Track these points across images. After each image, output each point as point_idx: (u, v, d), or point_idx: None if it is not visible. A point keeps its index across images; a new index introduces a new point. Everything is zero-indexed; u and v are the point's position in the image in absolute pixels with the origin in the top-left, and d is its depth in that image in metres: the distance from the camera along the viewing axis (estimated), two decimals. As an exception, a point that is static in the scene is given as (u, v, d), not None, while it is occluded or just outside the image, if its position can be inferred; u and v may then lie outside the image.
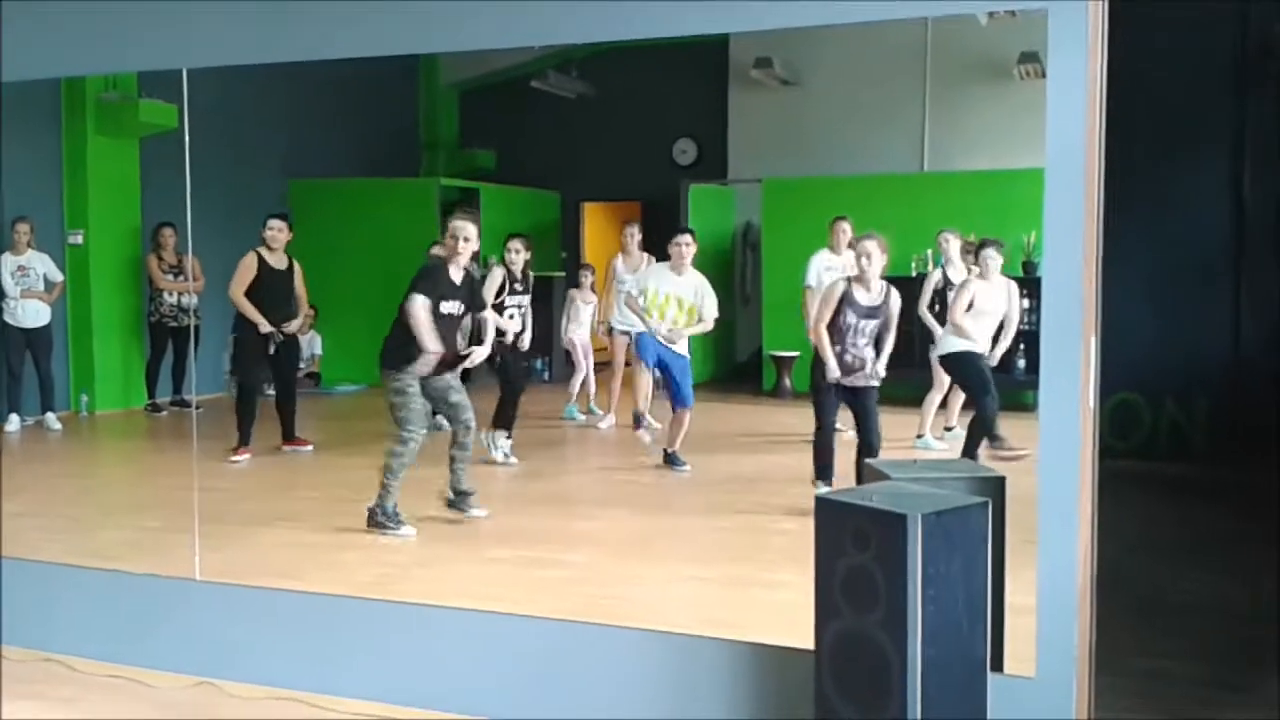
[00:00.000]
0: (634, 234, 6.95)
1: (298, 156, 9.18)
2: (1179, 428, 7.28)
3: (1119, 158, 3.00)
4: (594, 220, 11.02)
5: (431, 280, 5.06)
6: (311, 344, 8.54)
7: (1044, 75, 2.93)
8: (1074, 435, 2.91)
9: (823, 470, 5.43)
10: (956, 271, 6.65)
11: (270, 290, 6.65)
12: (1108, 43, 2.93)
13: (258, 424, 6.56)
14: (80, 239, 7.86)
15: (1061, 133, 2.89)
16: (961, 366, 5.89)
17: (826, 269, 6.56)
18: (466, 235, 5.05)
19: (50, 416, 7.41)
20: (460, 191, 9.84)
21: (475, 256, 6.31)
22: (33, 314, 7.46)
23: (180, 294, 7.67)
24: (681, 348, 6.43)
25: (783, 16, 3.27)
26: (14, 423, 7.33)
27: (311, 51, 3.80)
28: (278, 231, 6.69)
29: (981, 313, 5.87)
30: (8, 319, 7.42)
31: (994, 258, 5.96)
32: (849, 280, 5.33)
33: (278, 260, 6.69)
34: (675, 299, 6.38)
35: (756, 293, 8.82)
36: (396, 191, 9.36)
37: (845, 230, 6.60)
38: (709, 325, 6.47)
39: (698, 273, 6.47)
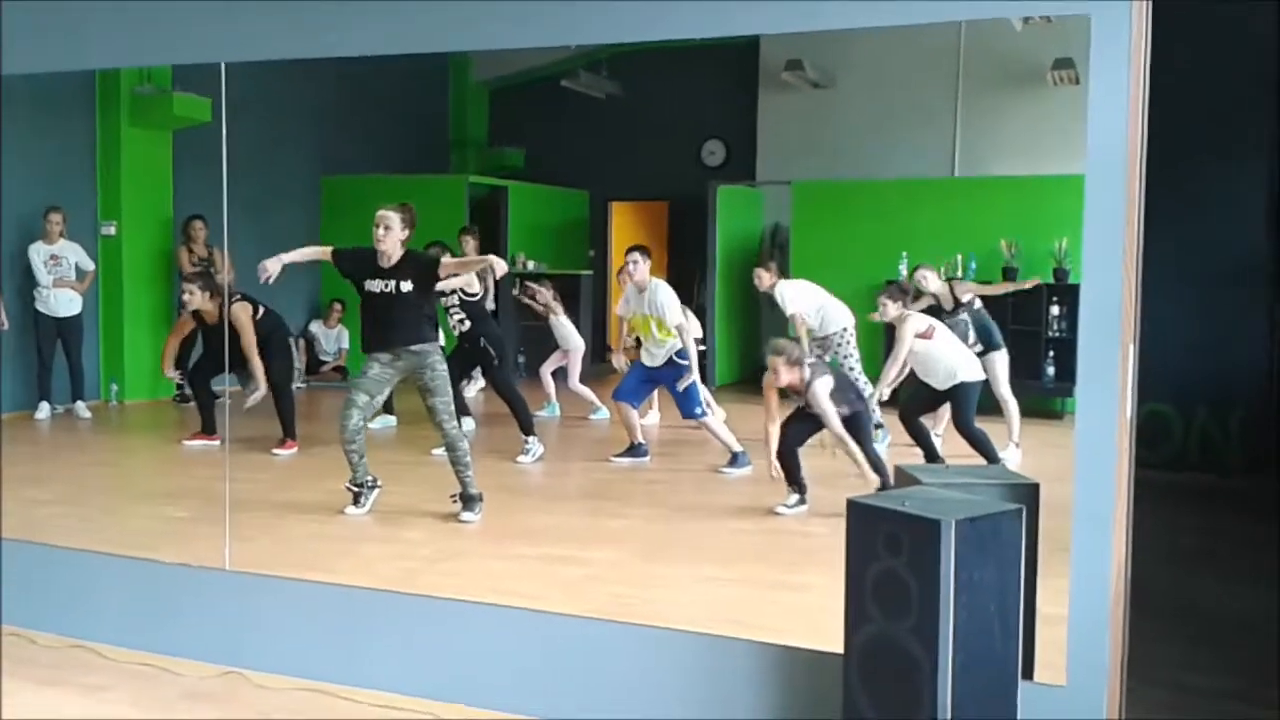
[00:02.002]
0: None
1: (329, 152, 9.24)
2: (1210, 439, 7.19)
3: (1154, 161, 2.96)
4: (622, 219, 11.03)
5: (348, 256, 5.28)
6: (339, 338, 8.60)
7: (1077, 81, 2.91)
8: (1110, 444, 2.88)
9: (787, 479, 5.45)
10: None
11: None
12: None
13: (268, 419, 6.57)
14: (113, 230, 7.93)
15: (1103, 137, 2.85)
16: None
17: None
18: (386, 224, 5.16)
19: (80, 405, 7.48)
20: (489, 189, 9.87)
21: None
22: (65, 303, 7.54)
23: None
24: (669, 355, 6.44)
25: (815, 19, 3.25)
26: (44, 410, 7.41)
27: (347, 48, 3.81)
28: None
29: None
30: (40, 307, 7.50)
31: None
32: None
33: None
34: (643, 317, 6.46)
35: (783, 295, 8.78)
36: (426, 189, 9.39)
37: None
38: (679, 333, 6.38)
39: (659, 282, 6.49)
